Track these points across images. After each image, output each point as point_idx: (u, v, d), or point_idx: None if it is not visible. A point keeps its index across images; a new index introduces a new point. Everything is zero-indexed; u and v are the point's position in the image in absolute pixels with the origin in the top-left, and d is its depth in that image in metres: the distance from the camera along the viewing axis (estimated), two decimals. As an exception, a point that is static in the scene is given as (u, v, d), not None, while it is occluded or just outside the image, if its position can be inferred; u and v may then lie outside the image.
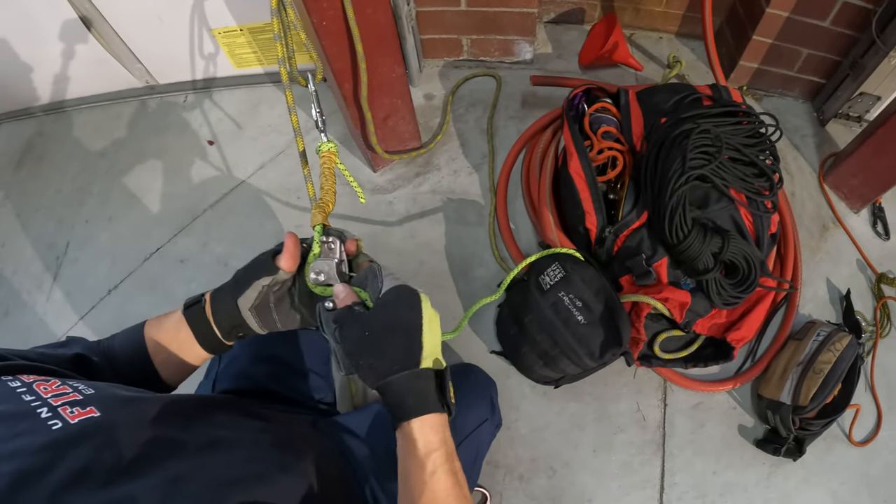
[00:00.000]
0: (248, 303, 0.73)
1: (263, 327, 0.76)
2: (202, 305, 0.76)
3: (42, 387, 0.58)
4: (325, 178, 0.89)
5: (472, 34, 1.98)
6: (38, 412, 0.54)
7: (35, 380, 0.59)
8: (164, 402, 0.67)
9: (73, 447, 0.52)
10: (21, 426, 0.52)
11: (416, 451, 0.63)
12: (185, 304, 0.78)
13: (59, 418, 0.54)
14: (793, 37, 1.78)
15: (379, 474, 0.93)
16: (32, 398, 0.55)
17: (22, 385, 0.57)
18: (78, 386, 0.60)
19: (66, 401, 0.57)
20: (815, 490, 1.45)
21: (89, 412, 0.56)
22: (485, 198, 1.83)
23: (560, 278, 1.30)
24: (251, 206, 1.92)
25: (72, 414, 0.55)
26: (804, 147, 1.89)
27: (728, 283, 1.29)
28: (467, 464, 1.03)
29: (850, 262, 1.72)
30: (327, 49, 1.34)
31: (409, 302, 0.66)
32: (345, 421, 1.00)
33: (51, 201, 2.06)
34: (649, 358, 1.45)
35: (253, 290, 0.73)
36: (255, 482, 0.65)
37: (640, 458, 1.47)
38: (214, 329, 0.76)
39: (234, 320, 0.75)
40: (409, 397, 0.64)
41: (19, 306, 1.88)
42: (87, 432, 0.54)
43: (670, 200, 1.24)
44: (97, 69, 2.08)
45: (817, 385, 1.40)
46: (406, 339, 0.65)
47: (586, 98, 1.58)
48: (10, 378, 0.58)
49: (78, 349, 0.74)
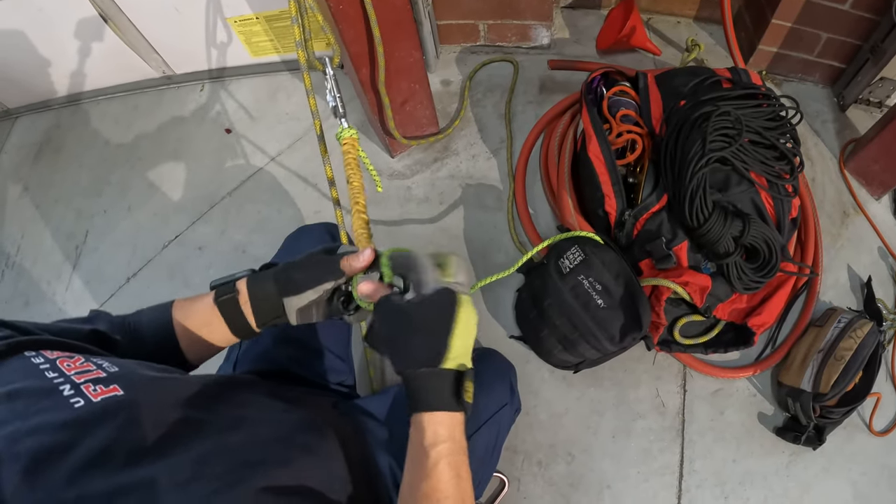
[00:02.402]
0: (301, 302, 0.74)
1: (300, 320, 0.76)
2: (235, 297, 0.75)
3: (65, 363, 0.57)
4: (352, 171, 0.88)
5: (489, 19, 1.97)
6: (61, 389, 0.54)
7: (59, 356, 0.58)
8: (188, 382, 0.67)
9: (95, 426, 0.52)
10: (43, 403, 0.52)
11: (424, 441, 0.65)
12: (216, 291, 0.77)
13: (82, 396, 0.54)
14: (812, 20, 1.76)
15: (399, 457, 0.93)
16: (55, 375, 0.55)
17: (45, 361, 0.57)
18: (102, 363, 0.60)
19: (89, 378, 0.57)
20: (835, 479, 1.43)
21: (112, 390, 0.56)
22: (503, 182, 1.83)
23: (580, 261, 1.29)
24: (269, 192, 1.93)
25: (95, 392, 0.55)
26: (824, 132, 1.87)
27: (749, 268, 1.28)
28: (488, 447, 1.03)
29: (872, 249, 1.69)
30: (344, 33, 1.34)
31: (446, 306, 0.67)
32: (365, 404, 1.00)
33: (69, 192, 2.09)
34: (669, 343, 1.44)
35: (315, 292, 0.73)
36: (278, 464, 0.65)
37: (659, 444, 1.46)
38: (249, 320, 0.76)
39: (275, 313, 0.75)
40: (424, 392, 0.66)
41: (39, 296, 1.90)
42: (109, 411, 0.54)
43: (690, 183, 1.22)
44: (114, 61, 2.10)
45: (838, 372, 1.38)
46: (432, 341, 0.66)
47: (605, 82, 1.57)
48: (34, 353, 0.58)
49: (101, 325, 0.74)
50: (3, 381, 0.53)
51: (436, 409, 0.66)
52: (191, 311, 0.78)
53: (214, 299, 0.76)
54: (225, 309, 0.75)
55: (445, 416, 0.66)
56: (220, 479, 0.57)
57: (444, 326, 0.66)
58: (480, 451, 1.01)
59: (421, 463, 0.65)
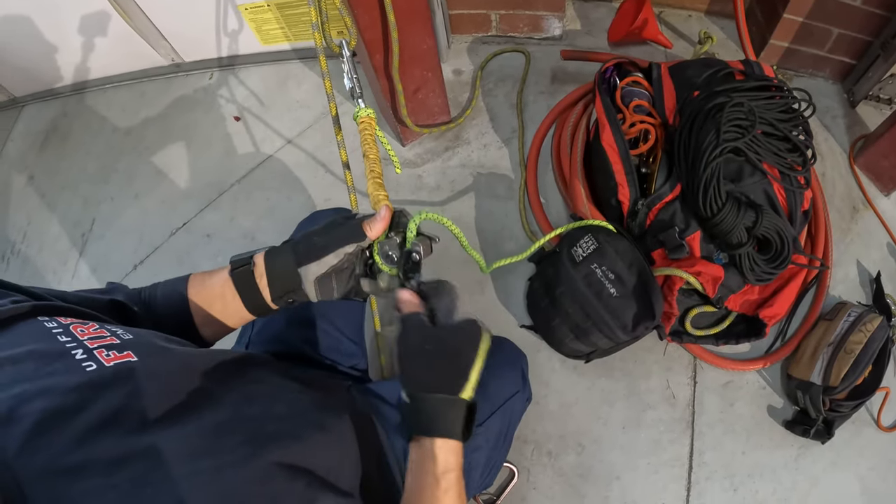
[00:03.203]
0: (321, 269, 0.72)
1: (320, 295, 0.75)
2: (251, 269, 0.74)
3: (79, 328, 0.57)
4: (369, 146, 0.87)
5: (501, 9, 1.97)
6: (73, 353, 0.53)
7: (72, 322, 0.58)
8: (203, 354, 0.67)
9: (107, 390, 0.52)
10: (54, 365, 0.52)
11: (435, 467, 0.64)
12: (232, 263, 0.76)
13: (95, 360, 0.53)
14: (824, 15, 1.75)
15: None
16: (68, 339, 0.55)
17: (58, 326, 0.56)
18: (116, 331, 0.60)
19: (102, 344, 0.56)
20: (843, 473, 1.43)
21: (126, 356, 0.56)
22: (515, 172, 1.82)
23: (593, 250, 1.29)
24: (279, 180, 1.92)
25: (107, 357, 0.55)
26: (834, 128, 1.86)
27: (761, 259, 1.28)
28: (500, 434, 1.03)
29: (881, 244, 1.69)
30: (359, 19, 1.34)
31: (473, 338, 0.67)
32: (378, 388, 1.00)
33: (76, 180, 2.08)
34: (680, 334, 1.44)
35: (334, 256, 0.72)
36: (292, 439, 0.65)
37: (669, 435, 1.46)
38: (263, 293, 0.74)
39: (289, 286, 0.73)
40: (440, 418, 0.66)
41: (44, 284, 1.86)
42: (121, 376, 0.54)
43: (704, 173, 1.22)
44: (122, 48, 2.09)
45: (848, 365, 1.38)
46: (457, 369, 0.66)
47: (618, 72, 1.56)
48: (47, 318, 0.57)
49: (119, 297, 0.73)
50: (15, 344, 0.53)
51: (450, 437, 0.65)
52: (205, 284, 0.77)
53: (230, 272, 0.75)
54: (239, 281, 0.74)
55: (457, 445, 0.66)
56: (233, 452, 0.57)
57: (470, 357, 0.67)
58: (493, 437, 1.01)
59: (431, 489, 0.65)
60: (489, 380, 1.04)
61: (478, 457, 0.97)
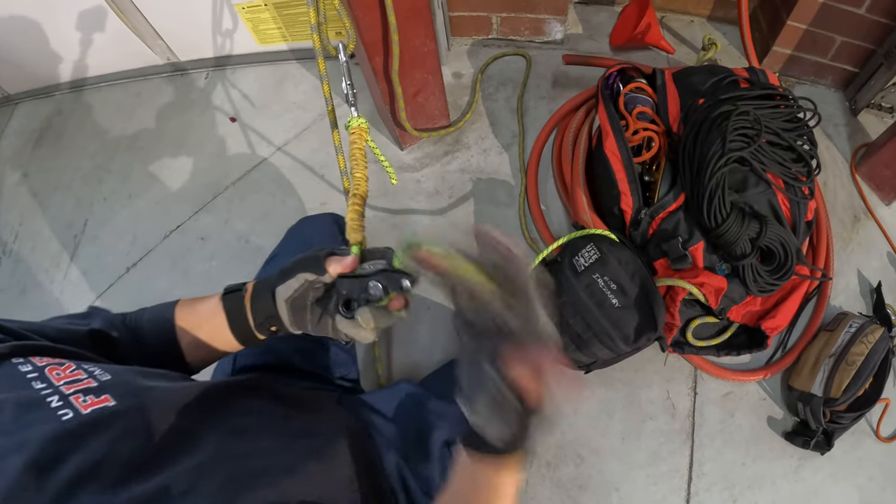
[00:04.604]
0: (286, 292, 0.72)
1: (294, 324, 0.74)
2: (242, 294, 0.74)
3: (55, 372, 0.55)
4: (356, 163, 0.85)
5: (503, 12, 1.96)
6: (48, 401, 0.51)
7: (48, 363, 0.56)
8: (186, 389, 0.65)
9: (84, 439, 0.50)
10: (29, 416, 0.50)
11: None
12: (225, 290, 0.76)
13: (71, 407, 0.52)
14: (827, 23, 1.75)
15: (408, 456, 0.91)
16: (43, 385, 0.53)
17: (33, 370, 0.54)
18: (93, 371, 0.58)
19: (79, 388, 0.54)
20: (843, 485, 1.42)
21: (103, 401, 0.54)
22: (515, 178, 1.81)
23: (595, 260, 1.27)
24: (274, 182, 1.90)
25: (84, 403, 0.53)
26: (836, 136, 1.86)
27: (764, 270, 1.26)
28: None
29: (882, 254, 1.68)
30: (359, 20, 1.32)
31: None
32: (371, 400, 0.98)
33: (70, 179, 2.05)
34: (682, 345, 1.42)
35: (296, 280, 0.71)
36: (283, 473, 0.63)
37: (668, 447, 1.44)
38: (249, 318, 0.74)
39: (268, 311, 0.73)
40: None
41: (36, 285, 1.87)
42: (101, 423, 0.52)
43: (709, 182, 1.21)
44: (118, 46, 2.07)
45: (850, 377, 1.37)
46: None
47: (621, 78, 1.55)
48: (22, 361, 0.55)
49: (97, 324, 0.72)
50: None
51: None
52: (195, 310, 0.77)
53: (221, 296, 0.75)
54: (229, 305, 0.74)
55: None
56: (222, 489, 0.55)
57: None
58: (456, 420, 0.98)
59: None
60: None
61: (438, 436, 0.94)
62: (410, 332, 1.60)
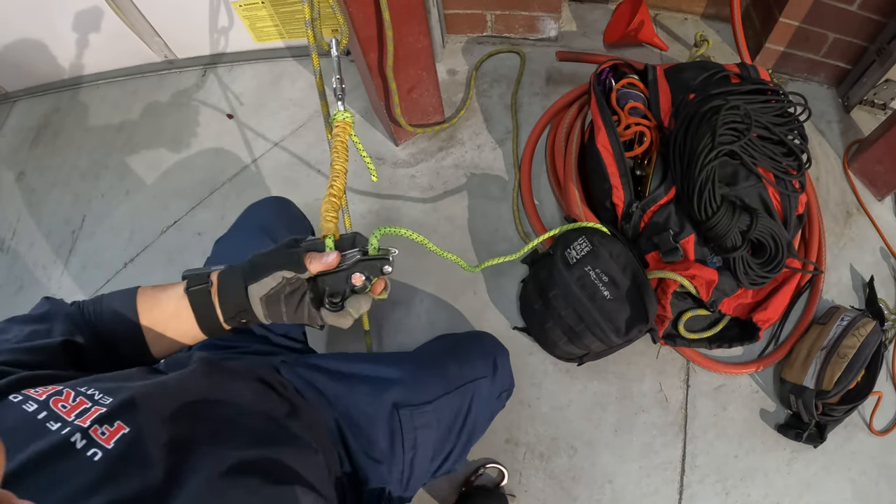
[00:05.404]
0: (262, 290, 0.71)
1: (269, 317, 0.73)
2: (208, 288, 0.72)
3: (60, 404, 0.53)
4: (337, 155, 0.85)
5: (497, 9, 1.96)
6: (73, 441, 0.50)
7: (48, 395, 0.54)
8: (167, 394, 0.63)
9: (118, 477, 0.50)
10: (63, 465, 0.48)
11: None
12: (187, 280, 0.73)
13: (95, 444, 0.51)
14: (820, 20, 1.76)
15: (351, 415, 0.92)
16: (59, 425, 0.51)
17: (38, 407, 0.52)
18: (94, 395, 0.56)
19: (92, 418, 0.53)
20: (835, 478, 1.43)
21: (119, 429, 0.53)
22: (509, 173, 1.82)
23: (587, 252, 1.28)
24: (271, 179, 1.91)
25: (103, 436, 0.52)
26: (829, 133, 1.87)
27: (755, 263, 1.27)
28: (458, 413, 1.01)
29: (874, 249, 1.69)
30: (354, 16, 1.33)
31: None
32: (320, 361, 0.98)
33: (67, 176, 2.06)
34: (674, 337, 1.43)
35: (273, 279, 0.70)
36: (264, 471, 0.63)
37: (661, 439, 1.45)
38: (217, 313, 0.72)
39: (240, 306, 0.72)
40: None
41: (33, 281, 1.87)
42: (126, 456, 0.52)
43: (699, 176, 1.22)
44: (115, 44, 2.07)
45: (841, 369, 1.38)
46: None
47: (613, 74, 1.56)
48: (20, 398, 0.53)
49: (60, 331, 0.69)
50: (9, 446, 0.48)
51: None
52: (158, 302, 0.74)
53: (186, 289, 0.72)
54: (196, 299, 0.72)
55: None
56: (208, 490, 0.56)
57: None
58: (448, 416, 0.99)
59: None
60: (450, 364, 1.03)
61: (426, 435, 0.95)
62: (403, 314, 1.63)
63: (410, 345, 1.43)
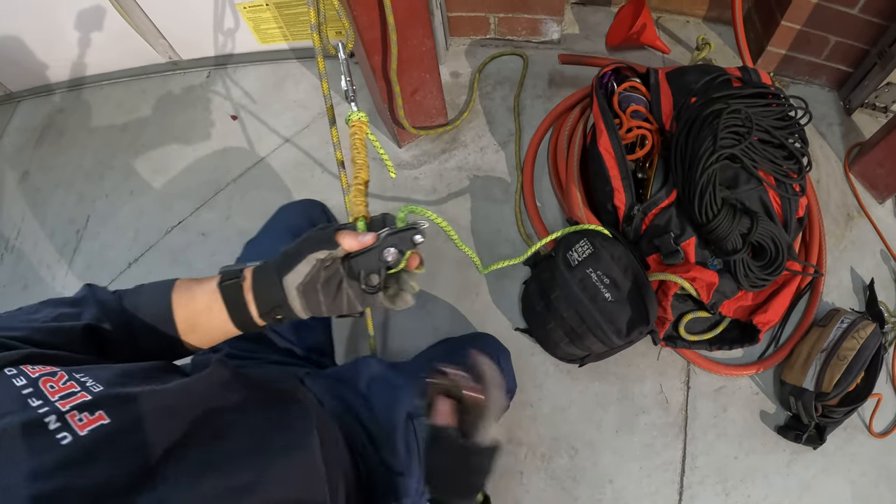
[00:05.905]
0: (297, 278, 0.69)
1: (307, 308, 0.71)
2: (240, 282, 0.71)
3: (48, 384, 0.53)
4: (357, 151, 0.86)
5: (500, 12, 1.97)
6: (46, 422, 0.50)
7: (40, 374, 0.54)
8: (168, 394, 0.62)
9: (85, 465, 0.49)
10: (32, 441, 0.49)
11: None
12: (222, 275, 0.73)
13: (69, 429, 0.50)
14: (821, 23, 1.76)
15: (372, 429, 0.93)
16: (40, 403, 0.51)
17: (27, 383, 0.53)
18: (86, 382, 0.56)
19: (74, 404, 0.52)
20: (835, 479, 1.43)
21: (98, 419, 0.52)
22: (511, 175, 1.83)
23: (588, 254, 1.29)
24: (275, 179, 1.92)
25: (80, 423, 0.51)
26: (830, 135, 1.87)
27: (755, 265, 1.28)
28: None
29: (874, 252, 1.70)
30: (358, 19, 1.34)
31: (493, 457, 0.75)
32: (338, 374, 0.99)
33: (71, 176, 2.07)
34: (674, 339, 1.44)
35: (306, 263, 0.69)
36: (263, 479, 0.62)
37: (662, 440, 1.46)
38: (251, 308, 0.71)
39: (276, 299, 0.71)
40: None
41: (38, 281, 1.89)
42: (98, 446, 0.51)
43: (700, 179, 1.23)
44: (120, 45, 2.08)
45: (841, 372, 1.38)
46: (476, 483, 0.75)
47: (615, 77, 1.57)
48: (15, 372, 0.53)
49: (89, 316, 0.69)
50: None
51: None
52: (193, 295, 0.73)
53: (218, 283, 0.72)
54: (227, 293, 0.71)
55: None
56: None
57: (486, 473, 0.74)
58: None
59: None
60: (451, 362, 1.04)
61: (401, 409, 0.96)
62: (406, 317, 1.64)
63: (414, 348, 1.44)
